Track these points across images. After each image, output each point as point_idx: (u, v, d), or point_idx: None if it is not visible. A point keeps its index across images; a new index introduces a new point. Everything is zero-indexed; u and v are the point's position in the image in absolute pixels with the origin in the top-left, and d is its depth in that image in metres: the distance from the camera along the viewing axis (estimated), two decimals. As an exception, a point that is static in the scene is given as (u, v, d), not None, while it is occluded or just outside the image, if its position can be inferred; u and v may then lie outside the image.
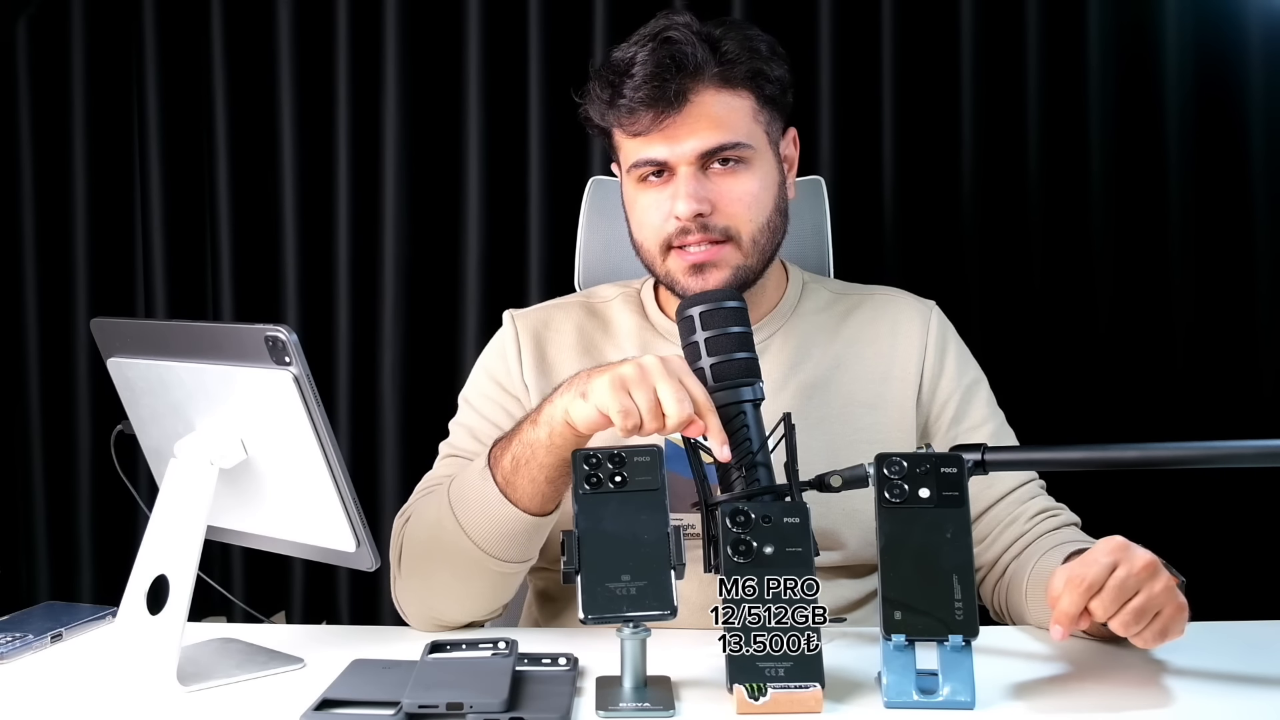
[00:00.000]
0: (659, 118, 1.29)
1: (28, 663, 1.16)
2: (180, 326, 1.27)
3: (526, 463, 1.18)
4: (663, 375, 1.09)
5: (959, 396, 1.42)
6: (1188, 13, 1.96)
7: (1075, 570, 1.02)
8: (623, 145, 1.36)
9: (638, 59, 1.30)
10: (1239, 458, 1.16)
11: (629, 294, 1.49)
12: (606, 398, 1.08)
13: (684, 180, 1.31)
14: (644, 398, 1.08)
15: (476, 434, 1.40)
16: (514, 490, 1.19)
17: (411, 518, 1.30)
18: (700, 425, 1.08)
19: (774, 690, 0.97)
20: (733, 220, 1.32)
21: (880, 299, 1.49)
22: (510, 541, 1.21)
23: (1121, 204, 1.99)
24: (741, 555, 1.00)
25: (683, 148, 1.30)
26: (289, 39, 2.04)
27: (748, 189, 1.33)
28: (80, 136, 2.09)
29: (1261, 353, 1.98)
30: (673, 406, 1.07)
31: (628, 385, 1.08)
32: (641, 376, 1.09)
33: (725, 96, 1.31)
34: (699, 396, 1.09)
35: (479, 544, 1.21)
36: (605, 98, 1.32)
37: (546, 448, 1.16)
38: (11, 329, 2.13)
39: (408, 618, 1.30)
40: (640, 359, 1.11)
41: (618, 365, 1.11)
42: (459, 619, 1.28)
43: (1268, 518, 1.96)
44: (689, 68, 1.28)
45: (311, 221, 2.07)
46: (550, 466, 1.17)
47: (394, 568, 1.30)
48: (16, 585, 2.14)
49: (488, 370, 1.46)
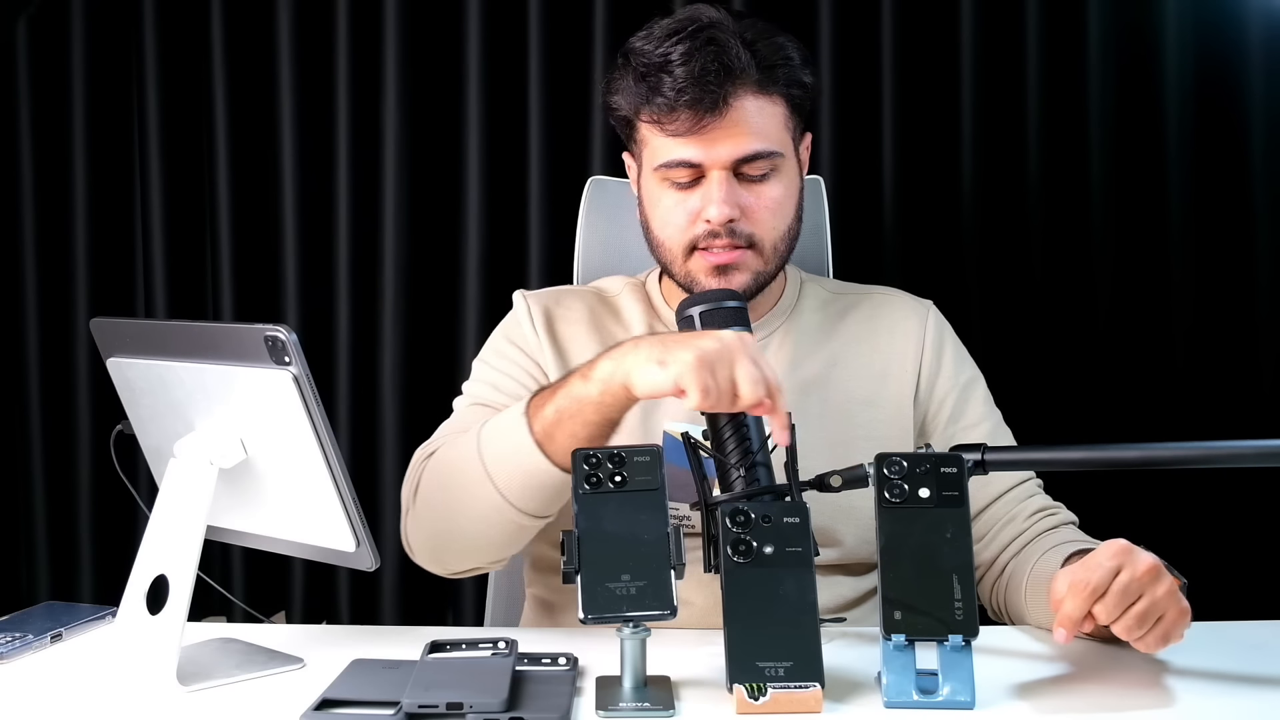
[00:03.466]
0: (698, 120, 1.28)
1: (28, 663, 1.16)
2: (180, 326, 1.27)
3: (571, 417, 1.15)
4: (743, 355, 1.07)
5: (956, 395, 1.42)
6: (1188, 13, 1.96)
7: (1079, 574, 1.02)
8: (650, 140, 1.34)
9: (674, 56, 1.28)
10: (1239, 458, 1.16)
11: (635, 285, 1.50)
12: (689, 373, 1.06)
13: (717, 185, 1.30)
14: (725, 376, 1.06)
15: (499, 388, 1.40)
16: (552, 443, 1.16)
17: (436, 454, 1.29)
18: (768, 405, 1.08)
19: (774, 690, 0.97)
20: (757, 227, 1.32)
21: (878, 298, 1.49)
22: (536, 493, 1.18)
23: (1121, 204, 1.99)
24: (741, 555, 1.01)
25: (718, 152, 1.30)
26: (289, 39, 2.04)
27: (775, 196, 1.33)
28: (80, 136, 2.09)
29: (1261, 353, 1.98)
30: (748, 387, 1.06)
31: (712, 363, 1.06)
32: (724, 355, 1.07)
33: (762, 103, 1.31)
34: (772, 380, 1.08)
35: (503, 491, 1.18)
36: (641, 91, 1.31)
37: (596, 405, 1.14)
38: (11, 329, 2.12)
39: (413, 554, 1.29)
40: (720, 334, 1.10)
41: (699, 339, 1.09)
42: (465, 563, 1.28)
43: (1268, 518, 1.96)
44: (734, 72, 1.28)
45: (311, 221, 2.07)
46: (595, 424, 1.15)
47: (407, 499, 1.29)
48: (16, 585, 2.14)
49: (506, 335, 1.46)
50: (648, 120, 1.32)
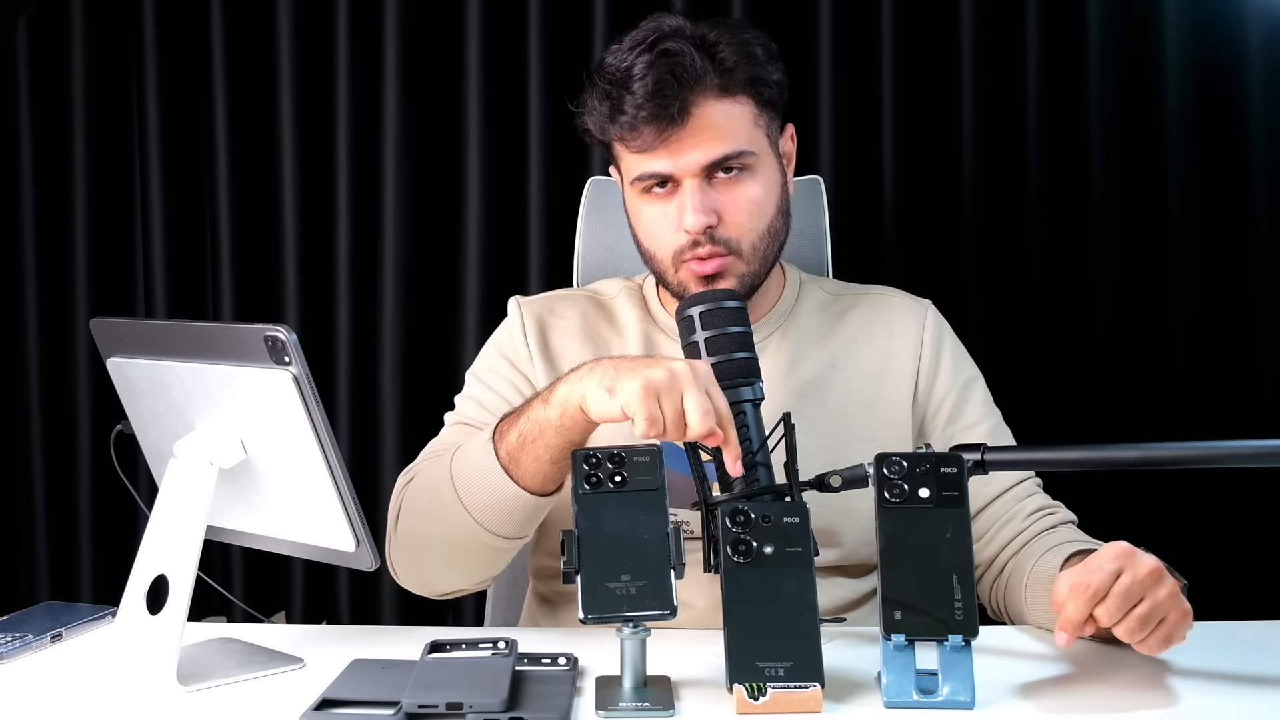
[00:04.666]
0: (661, 133, 1.28)
1: (28, 663, 1.16)
2: (180, 326, 1.27)
3: (533, 441, 1.16)
4: (692, 385, 1.06)
5: (955, 394, 1.42)
6: (1188, 13, 1.96)
7: (1080, 577, 1.02)
8: (624, 157, 1.35)
9: (635, 71, 1.28)
10: (1239, 458, 1.15)
11: (631, 288, 1.49)
12: (635, 403, 1.06)
13: (690, 193, 1.30)
14: (671, 407, 1.06)
15: (485, 405, 1.40)
16: (517, 467, 1.18)
17: (414, 479, 1.30)
18: (719, 437, 1.07)
19: (774, 690, 0.97)
20: (735, 231, 1.32)
21: (876, 298, 1.49)
22: (507, 518, 1.20)
23: (1121, 204, 1.99)
24: (741, 555, 1.00)
25: (686, 160, 1.30)
26: (289, 39, 2.04)
27: (751, 196, 1.32)
28: (80, 136, 2.09)
29: (1261, 353, 1.98)
30: (696, 419, 1.05)
31: (658, 392, 1.06)
32: (672, 385, 1.06)
33: (725, 105, 1.30)
34: (722, 409, 1.08)
35: (475, 516, 1.20)
36: (604, 111, 1.31)
37: (556, 429, 1.15)
38: (11, 329, 2.13)
39: (398, 577, 1.31)
40: (672, 365, 1.08)
41: (648, 367, 1.08)
42: (447, 585, 1.30)
43: (1268, 518, 1.96)
44: (689, 80, 1.27)
45: (311, 221, 2.07)
46: (557, 448, 1.16)
47: (390, 524, 1.30)
48: (16, 585, 2.14)
49: (498, 347, 1.46)
50: (616, 139, 1.33)
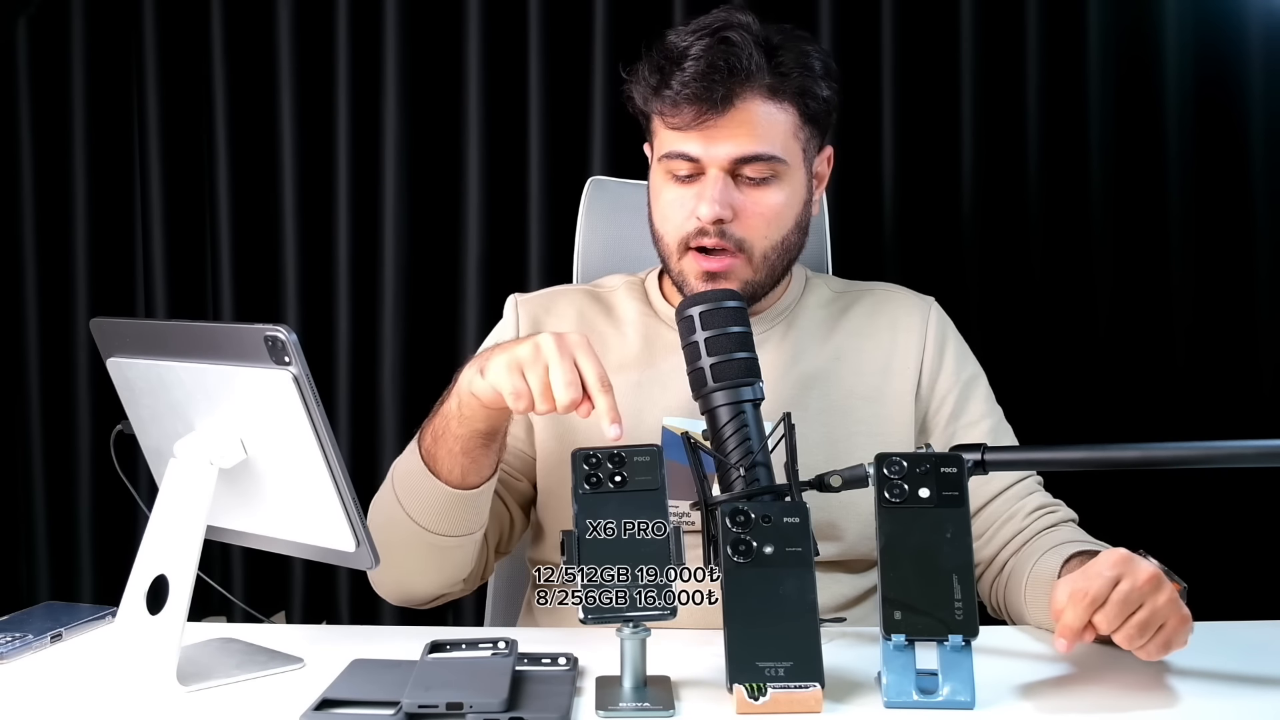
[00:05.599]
0: (700, 115, 1.29)
1: (28, 663, 1.16)
2: (180, 326, 1.27)
3: (444, 434, 1.21)
4: (556, 356, 1.09)
5: (957, 392, 1.42)
6: (1188, 13, 1.96)
7: (1079, 584, 1.02)
8: (659, 132, 1.36)
9: (691, 51, 1.30)
10: (1239, 458, 1.16)
11: (633, 283, 1.50)
12: (501, 377, 1.11)
13: (712, 183, 1.31)
14: (536, 379, 1.09)
15: None
16: (436, 463, 1.22)
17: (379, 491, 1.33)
18: (589, 406, 1.09)
19: (774, 690, 0.97)
20: (748, 233, 1.33)
21: (880, 294, 1.49)
22: (439, 515, 1.23)
23: (1121, 204, 1.99)
24: (741, 555, 1.00)
25: (717, 150, 1.30)
26: (289, 39, 2.04)
27: (771, 203, 1.33)
28: (80, 136, 2.09)
29: (1261, 353, 1.98)
30: (562, 390, 1.08)
31: (522, 365, 1.10)
32: (535, 357, 1.10)
33: (770, 107, 1.31)
34: (590, 376, 1.09)
35: (412, 516, 1.24)
36: (652, 83, 1.33)
37: (458, 418, 1.19)
38: (11, 329, 2.12)
39: (377, 588, 1.33)
40: (537, 337, 1.12)
41: (517, 344, 1.12)
42: (418, 590, 1.33)
43: (1268, 518, 1.96)
44: (740, 73, 1.28)
45: (311, 221, 2.07)
46: (463, 438, 1.19)
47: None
48: (16, 585, 2.14)
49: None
50: (656, 111, 1.34)
